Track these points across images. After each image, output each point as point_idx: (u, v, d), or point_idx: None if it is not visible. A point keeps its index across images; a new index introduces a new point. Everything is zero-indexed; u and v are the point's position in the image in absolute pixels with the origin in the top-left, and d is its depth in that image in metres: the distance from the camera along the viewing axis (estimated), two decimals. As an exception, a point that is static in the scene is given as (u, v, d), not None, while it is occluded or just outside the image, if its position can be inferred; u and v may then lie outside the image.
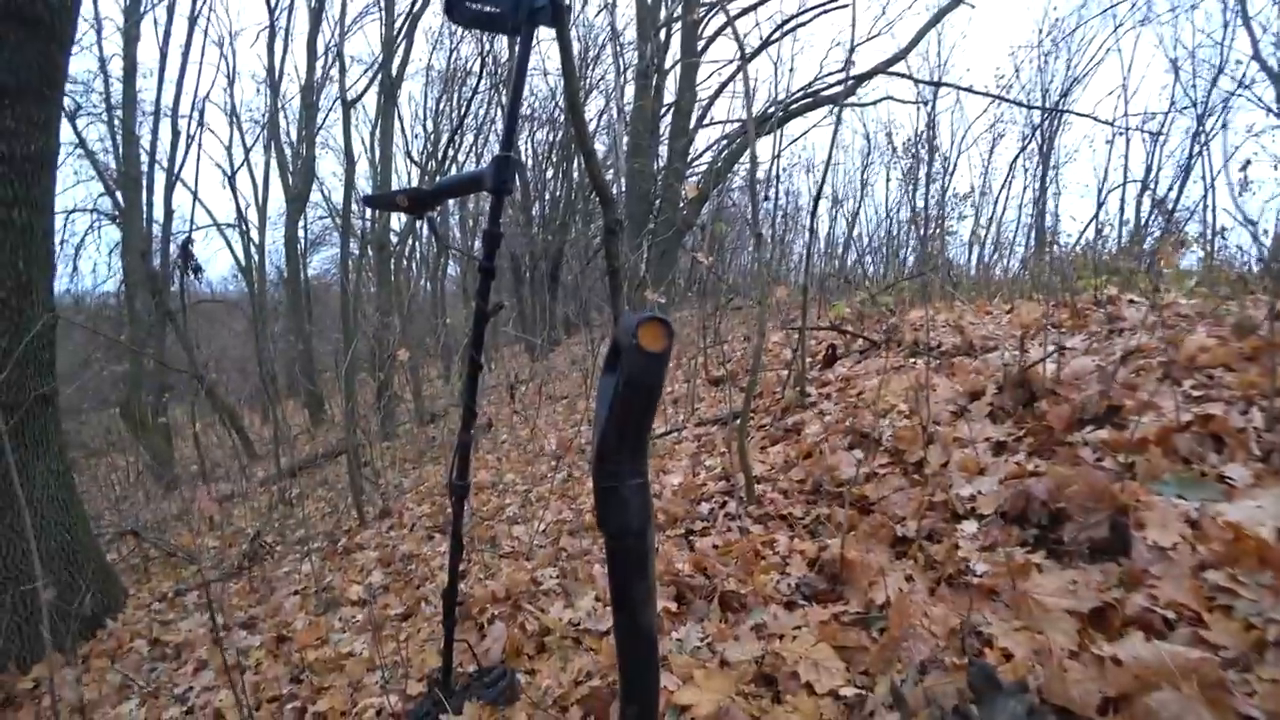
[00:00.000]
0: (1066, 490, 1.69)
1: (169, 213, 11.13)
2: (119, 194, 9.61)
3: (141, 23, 10.78)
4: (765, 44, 8.83)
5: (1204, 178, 8.70)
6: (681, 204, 8.34)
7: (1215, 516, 1.43)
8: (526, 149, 12.62)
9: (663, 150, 9.49)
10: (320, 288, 15.19)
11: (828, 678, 1.40)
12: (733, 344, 6.05)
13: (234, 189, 11.57)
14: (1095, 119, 9.44)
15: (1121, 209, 9.49)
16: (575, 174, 12.32)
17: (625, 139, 9.05)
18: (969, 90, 10.02)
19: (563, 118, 13.21)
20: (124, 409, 9.85)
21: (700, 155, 9.04)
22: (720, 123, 9.08)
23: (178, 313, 10.24)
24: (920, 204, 14.04)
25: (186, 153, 11.35)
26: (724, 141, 8.96)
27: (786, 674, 1.45)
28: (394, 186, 10.54)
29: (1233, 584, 1.25)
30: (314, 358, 12.99)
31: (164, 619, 3.43)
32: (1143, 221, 8.55)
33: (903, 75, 8.91)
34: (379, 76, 7.19)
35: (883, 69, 9.07)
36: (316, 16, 11.84)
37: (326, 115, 12.53)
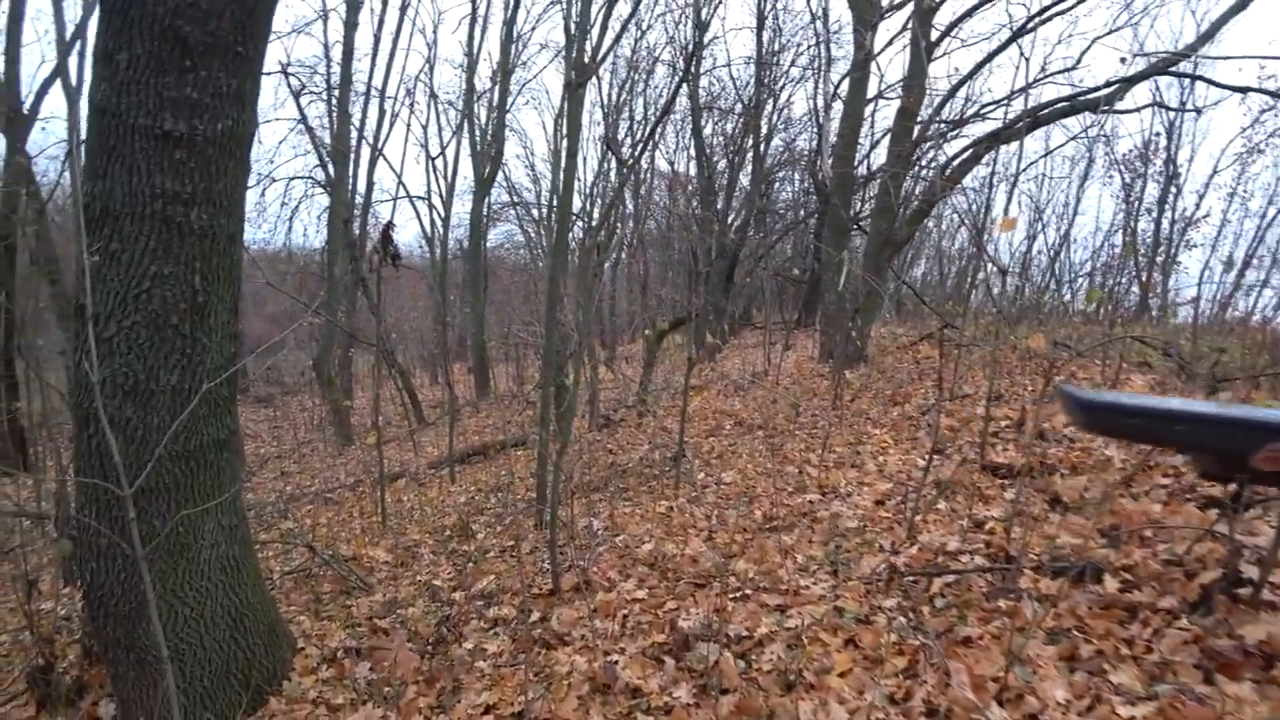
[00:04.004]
0: None
1: (370, 184, 11.27)
2: (330, 165, 9.62)
3: (360, 10, 10.60)
4: (1017, 34, 6.96)
5: None
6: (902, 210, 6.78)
7: None
8: (712, 141, 11.40)
9: (867, 147, 7.91)
10: (494, 261, 15.04)
11: None
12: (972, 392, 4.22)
13: (431, 168, 11.34)
14: None
15: None
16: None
17: (833, 137, 7.57)
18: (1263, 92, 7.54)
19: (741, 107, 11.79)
20: (317, 363, 10.02)
21: (922, 161, 7.38)
22: (949, 122, 7.37)
23: (371, 280, 10.12)
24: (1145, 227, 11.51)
25: (390, 130, 11.31)
26: (957, 148, 7.25)
27: None
28: (579, 176, 9.64)
29: None
30: (485, 327, 12.83)
31: (332, 702, 2.63)
32: None
33: (1194, 77, 6.74)
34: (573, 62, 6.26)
35: (1162, 69, 6.93)
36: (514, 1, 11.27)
37: (514, 99, 12.08)
